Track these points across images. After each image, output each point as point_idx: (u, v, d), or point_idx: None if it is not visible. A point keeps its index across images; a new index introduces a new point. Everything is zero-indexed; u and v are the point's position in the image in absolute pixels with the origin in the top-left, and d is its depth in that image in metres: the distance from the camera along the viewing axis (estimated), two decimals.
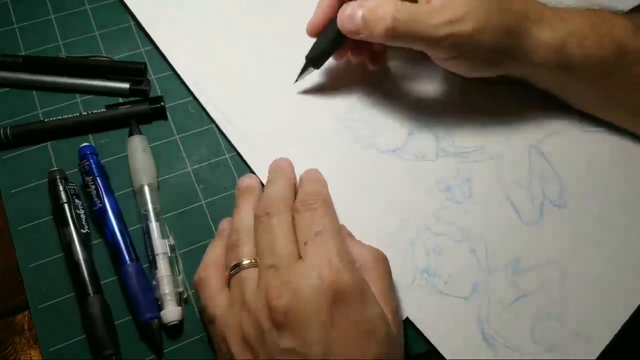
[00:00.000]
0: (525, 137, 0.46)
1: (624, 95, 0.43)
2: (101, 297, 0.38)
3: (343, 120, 0.46)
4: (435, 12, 0.39)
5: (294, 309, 0.30)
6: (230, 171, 0.45)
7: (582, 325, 0.39)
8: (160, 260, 0.39)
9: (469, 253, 0.41)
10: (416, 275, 0.40)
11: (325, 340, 0.30)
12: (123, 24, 0.51)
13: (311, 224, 0.34)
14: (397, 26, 0.38)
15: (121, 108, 0.45)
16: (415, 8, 0.39)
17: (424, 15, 0.38)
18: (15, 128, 0.44)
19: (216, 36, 0.50)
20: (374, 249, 0.36)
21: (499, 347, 0.38)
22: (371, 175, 0.44)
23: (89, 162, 0.42)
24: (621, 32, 0.41)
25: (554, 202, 0.43)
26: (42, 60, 0.48)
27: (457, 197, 0.43)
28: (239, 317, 0.32)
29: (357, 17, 0.40)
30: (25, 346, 0.38)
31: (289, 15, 0.51)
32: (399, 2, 0.39)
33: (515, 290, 0.40)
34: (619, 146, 0.46)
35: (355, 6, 0.40)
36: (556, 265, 0.41)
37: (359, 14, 0.40)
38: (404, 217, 0.42)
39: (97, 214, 0.40)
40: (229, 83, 0.48)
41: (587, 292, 0.40)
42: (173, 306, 0.38)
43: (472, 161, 0.44)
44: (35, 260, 0.40)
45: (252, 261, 0.34)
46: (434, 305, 0.39)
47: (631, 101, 0.43)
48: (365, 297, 0.32)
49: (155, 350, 0.37)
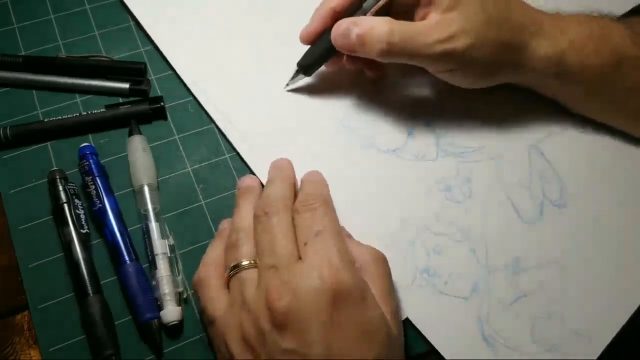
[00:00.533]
0: (525, 137, 0.46)
1: (622, 102, 0.43)
2: (101, 297, 0.38)
3: (343, 120, 0.46)
4: (430, 29, 0.39)
5: (294, 310, 0.30)
6: (230, 171, 0.45)
7: (582, 325, 0.39)
8: (160, 260, 0.39)
9: (469, 253, 0.41)
10: (416, 275, 0.40)
11: (326, 341, 0.30)
12: (123, 24, 0.51)
13: (311, 224, 0.34)
14: (392, 47, 0.39)
15: (121, 108, 0.45)
16: (410, 27, 0.39)
17: (418, 33, 0.39)
18: (15, 128, 0.44)
19: (216, 36, 0.50)
20: (373, 250, 0.36)
21: (499, 347, 0.38)
22: (371, 175, 0.44)
23: (88, 162, 0.42)
24: (619, 40, 0.41)
25: (554, 202, 0.43)
26: (42, 60, 0.48)
27: (457, 197, 0.43)
28: (239, 318, 0.32)
29: (352, 35, 0.40)
30: (24, 346, 0.38)
31: (288, 16, 0.51)
32: (394, 21, 0.39)
33: (515, 290, 0.40)
34: (619, 147, 0.46)
35: (350, 24, 0.40)
36: (556, 265, 0.41)
37: (354, 32, 0.40)
38: (404, 217, 0.42)
39: (97, 214, 0.40)
40: (229, 83, 0.48)
41: (587, 292, 0.40)
42: (173, 306, 0.38)
43: (472, 161, 0.44)
44: (35, 260, 0.40)
45: (252, 261, 0.34)
46: (433, 306, 0.39)
47: (630, 107, 0.44)
48: (365, 298, 0.32)
49: (155, 351, 0.37)
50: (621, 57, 0.41)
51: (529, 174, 0.44)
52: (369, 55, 0.40)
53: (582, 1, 0.44)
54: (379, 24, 0.39)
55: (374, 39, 0.39)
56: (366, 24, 0.40)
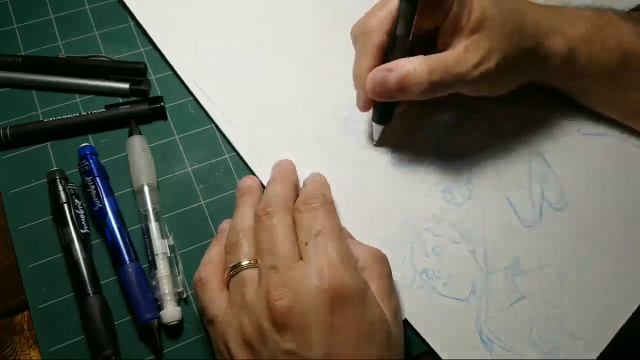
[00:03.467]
0: (525, 139, 0.46)
1: (629, 97, 0.44)
2: (101, 297, 0.38)
3: (343, 121, 0.46)
4: (464, 58, 0.39)
5: (294, 310, 0.30)
6: (230, 171, 0.45)
7: (580, 328, 0.39)
8: (160, 261, 0.39)
9: (468, 255, 0.41)
10: (415, 276, 0.40)
11: (326, 342, 0.30)
12: (123, 24, 0.51)
13: (312, 224, 0.34)
14: (433, 85, 0.38)
15: (121, 108, 0.45)
16: (445, 59, 0.39)
17: (454, 65, 0.39)
18: (15, 128, 0.44)
19: (216, 36, 0.50)
20: (374, 249, 0.36)
21: (497, 350, 0.38)
22: (371, 176, 0.44)
23: (88, 162, 0.42)
24: (625, 36, 0.42)
25: (554, 205, 0.43)
26: (41, 60, 0.48)
27: (457, 199, 0.43)
28: (239, 318, 0.32)
29: (389, 83, 0.39)
30: (24, 346, 0.38)
31: (289, 16, 0.51)
32: (428, 57, 0.39)
33: (514, 292, 0.40)
34: (618, 150, 0.46)
35: (385, 72, 0.39)
36: (555, 267, 0.41)
37: (391, 80, 0.39)
38: (404, 218, 0.42)
39: (97, 214, 0.40)
40: (229, 83, 0.48)
41: (586, 295, 0.40)
42: (173, 306, 0.38)
43: (473, 163, 0.45)
44: (35, 260, 0.40)
45: (252, 261, 0.34)
46: (432, 307, 0.39)
47: (637, 102, 0.44)
48: (365, 298, 0.32)
49: (154, 351, 0.38)
50: (627, 53, 0.41)
51: (529, 177, 0.44)
52: (410, 98, 0.40)
53: None
54: (416, 66, 0.38)
55: (415, 81, 0.38)
56: (402, 68, 0.39)
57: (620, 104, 0.45)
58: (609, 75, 0.42)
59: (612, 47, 0.41)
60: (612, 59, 0.42)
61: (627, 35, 0.42)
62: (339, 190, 0.40)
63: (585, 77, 0.43)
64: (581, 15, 0.43)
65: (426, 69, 0.38)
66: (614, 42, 0.41)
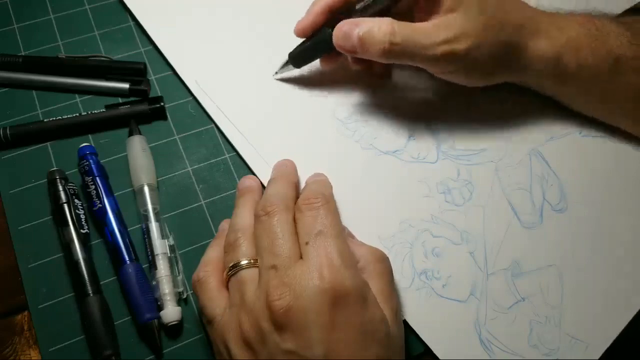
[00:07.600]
0: (526, 141, 0.46)
1: (620, 102, 0.44)
2: (101, 297, 0.38)
3: (344, 121, 0.46)
4: (432, 31, 0.39)
5: (294, 310, 0.30)
6: (230, 171, 0.45)
7: (580, 330, 0.39)
8: (160, 261, 0.39)
9: (468, 256, 0.41)
10: (414, 277, 0.40)
11: (326, 342, 0.30)
12: (123, 24, 0.51)
13: (313, 224, 0.34)
14: (393, 47, 0.39)
15: (121, 108, 0.45)
16: (412, 28, 0.39)
17: (420, 35, 0.39)
18: (15, 128, 0.44)
19: (216, 36, 0.50)
20: (375, 249, 0.36)
21: (496, 351, 0.38)
22: (371, 177, 0.44)
23: (88, 162, 0.42)
24: (616, 41, 0.42)
25: (554, 206, 0.43)
26: (41, 60, 0.47)
27: (457, 200, 0.43)
28: (239, 318, 0.32)
29: (353, 36, 0.40)
30: (24, 346, 0.38)
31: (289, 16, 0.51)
32: (395, 21, 0.39)
33: (514, 294, 0.40)
34: (619, 151, 0.46)
35: (352, 25, 0.40)
36: (555, 269, 0.41)
37: (355, 33, 0.40)
38: (403, 218, 0.42)
39: (97, 214, 0.40)
40: (229, 83, 0.48)
41: (586, 297, 0.40)
42: (173, 306, 0.38)
43: (473, 164, 0.45)
44: (35, 260, 0.40)
45: (251, 261, 0.34)
46: (431, 308, 0.39)
47: (629, 106, 0.44)
48: (365, 298, 0.32)
49: (154, 351, 0.38)
50: (618, 58, 0.41)
51: (529, 178, 0.44)
52: (369, 56, 0.41)
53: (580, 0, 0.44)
54: (381, 25, 0.39)
55: (375, 39, 0.39)
56: (367, 24, 0.40)
57: (612, 110, 0.45)
58: (599, 80, 0.42)
59: (603, 53, 0.41)
60: (602, 64, 0.41)
61: (619, 40, 0.41)
62: (338, 191, 0.40)
63: (575, 82, 0.43)
64: (572, 20, 0.43)
65: (389, 30, 0.39)
66: (605, 48, 0.41)
